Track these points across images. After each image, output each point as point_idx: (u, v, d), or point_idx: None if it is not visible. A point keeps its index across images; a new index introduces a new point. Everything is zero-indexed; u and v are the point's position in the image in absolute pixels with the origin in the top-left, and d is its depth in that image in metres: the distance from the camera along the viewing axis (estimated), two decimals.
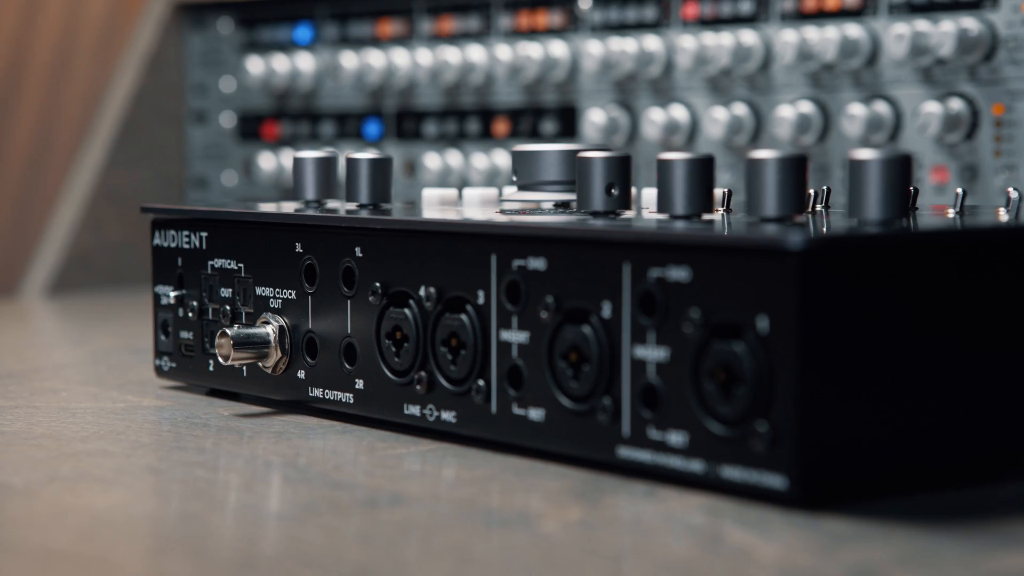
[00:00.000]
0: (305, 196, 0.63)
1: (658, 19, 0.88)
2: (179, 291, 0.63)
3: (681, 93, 0.87)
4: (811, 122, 0.80)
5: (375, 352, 0.54)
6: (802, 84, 0.81)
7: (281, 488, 0.46)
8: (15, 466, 0.49)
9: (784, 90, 0.82)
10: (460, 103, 0.99)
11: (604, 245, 0.46)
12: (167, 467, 0.49)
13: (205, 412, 0.58)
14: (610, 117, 0.89)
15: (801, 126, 0.80)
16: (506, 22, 0.96)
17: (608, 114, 0.89)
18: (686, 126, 0.87)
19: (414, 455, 0.50)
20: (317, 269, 0.57)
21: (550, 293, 0.48)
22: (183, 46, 1.13)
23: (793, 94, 0.82)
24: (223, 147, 1.12)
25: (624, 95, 0.90)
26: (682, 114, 0.87)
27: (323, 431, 0.54)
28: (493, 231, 0.50)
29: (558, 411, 0.47)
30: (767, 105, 0.83)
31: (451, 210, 0.63)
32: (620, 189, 0.52)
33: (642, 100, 0.89)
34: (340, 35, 1.05)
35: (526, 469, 0.47)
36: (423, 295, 0.52)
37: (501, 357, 0.50)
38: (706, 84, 0.86)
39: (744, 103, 0.84)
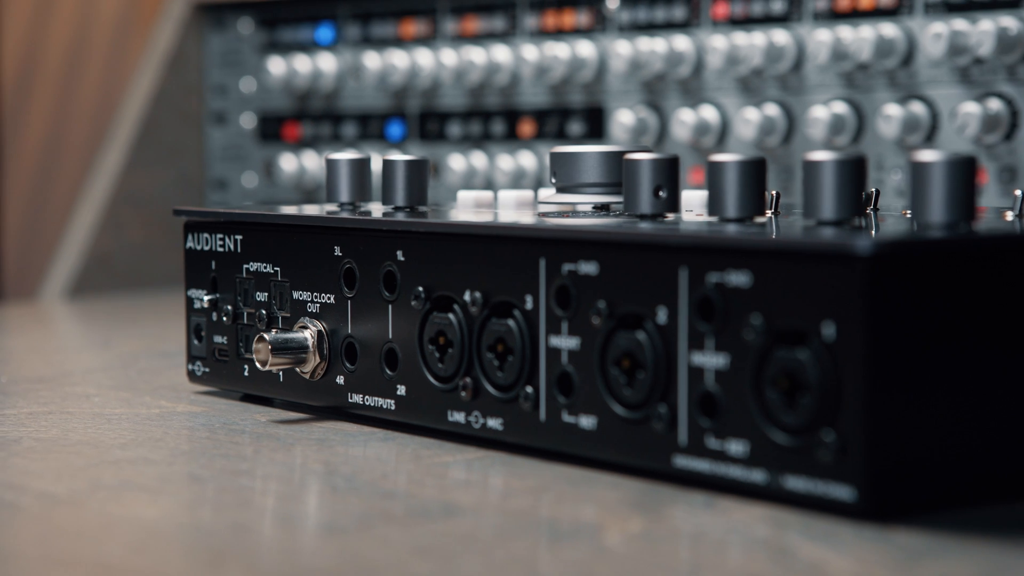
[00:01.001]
0: (339, 198, 0.63)
1: (687, 19, 0.87)
2: (213, 295, 0.62)
3: (711, 94, 0.86)
4: (845, 123, 0.79)
5: (417, 358, 0.53)
6: (836, 84, 0.80)
7: (330, 498, 0.45)
8: (56, 474, 0.48)
9: (817, 90, 0.81)
10: (485, 104, 0.98)
11: (660, 249, 0.45)
12: (211, 475, 0.48)
13: (241, 418, 0.57)
14: (639, 118, 0.88)
15: (835, 127, 0.79)
16: (532, 22, 0.95)
17: (636, 115, 0.89)
18: (716, 127, 0.86)
19: (460, 463, 0.49)
20: (357, 273, 0.56)
21: (602, 298, 0.47)
22: (203, 46, 1.12)
23: (826, 94, 0.81)
24: (243, 148, 1.11)
25: (652, 96, 0.89)
26: (712, 115, 0.86)
27: (364, 438, 0.53)
28: (542, 235, 0.49)
29: (610, 419, 0.46)
30: (799, 106, 0.82)
31: (487, 212, 0.62)
32: (668, 191, 0.51)
33: (671, 101, 0.88)
34: (362, 35, 1.04)
35: (578, 478, 0.46)
36: (468, 300, 0.51)
37: (550, 363, 0.49)
38: (737, 84, 0.85)
39: (776, 104, 0.83)
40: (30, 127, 1.54)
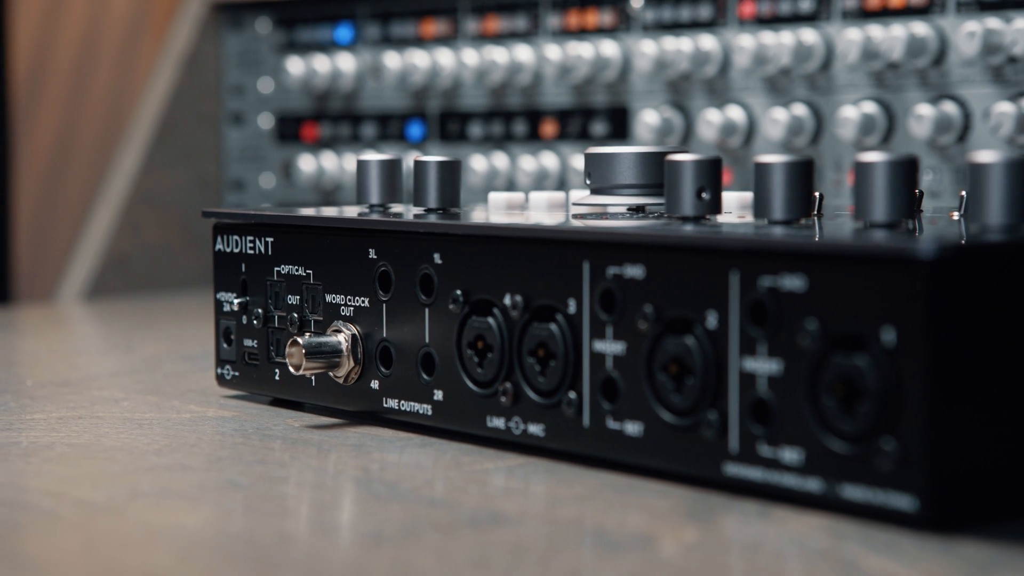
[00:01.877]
0: (369, 200, 0.62)
1: (713, 18, 0.86)
2: (243, 298, 0.61)
3: (737, 93, 0.85)
4: (875, 123, 0.79)
5: (456, 362, 0.52)
6: (865, 84, 0.80)
7: (373, 506, 0.44)
8: (93, 481, 0.47)
9: (846, 90, 0.81)
10: (506, 104, 0.97)
11: (710, 252, 0.44)
12: (250, 483, 0.47)
13: (274, 423, 0.56)
14: (663, 118, 0.88)
15: (865, 127, 0.78)
16: (555, 21, 0.94)
17: (661, 115, 0.88)
18: (743, 127, 0.85)
19: (502, 470, 0.48)
20: (392, 276, 0.55)
21: (649, 302, 0.46)
22: (220, 46, 1.12)
23: (856, 94, 0.80)
24: (261, 149, 1.10)
25: (678, 96, 0.88)
26: (739, 115, 0.85)
27: (401, 444, 0.52)
28: (587, 237, 0.48)
29: (658, 425, 0.46)
30: (828, 106, 0.81)
31: (520, 214, 0.62)
32: (710, 193, 0.50)
33: (696, 101, 0.87)
34: (382, 35, 1.03)
35: (624, 486, 0.45)
36: (509, 303, 0.50)
37: (594, 368, 0.48)
38: (764, 84, 0.84)
39: (804, 104, 0.82)
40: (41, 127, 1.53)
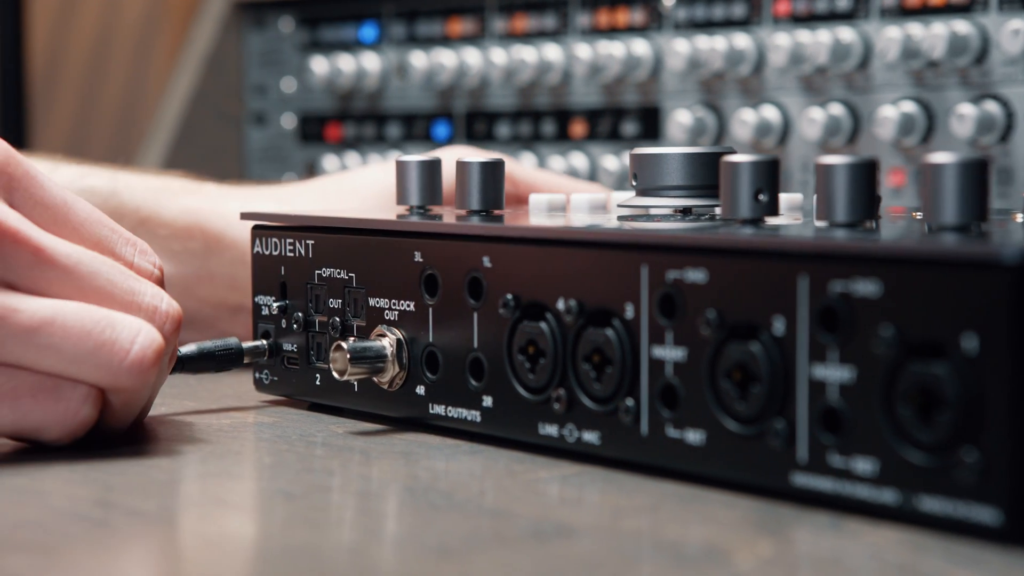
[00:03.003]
0: (409, 201, 0.61)
1: (748, 16, 0.85)
2: (282, 301, 0.60)
3: (772, 93, 0.84)
4: (915, 123, 0.77)
5: (506, 368, 0.51)
6: (905, 83, 0.79)
7: (433, 516, 0.43)
8: (141, 490, 0.46)
9: (884, 89, 0.79)
10: (535, 104, 0.96)
11: (777, 256, 0.43)
12: (303, 492, 0.46)
13: (316, 429, 0.55)
14: (696, 118, 0.87)
15: (904, 127, 0.77)
16: (584, 20, 0.93)
17: (694, 115, 0.87)
18: (778, 127, 0.84)
19: (557, 479, 0.47)
20: (439, 280, 0.54)
21: (712, 307, 0.45)
22: (242, 46, 1.11)
23: (895, 93, 0.79)
24: (283, 149, 1.09)
25: (710, 95, 0.87)
26: (774, 115, 0.84)
27: (450, 451, 0.51)
28: (645, 241, 0.47)
29: (720, 434, 0.44)
30: (865, 105, 0.80)
31: (560, 216, 0.61)
32: (769, 195, 0.49)
33: (730, 100, 0.86)
34: (408, 34, 1.02)
35: (687, 496, 0.44)
36: (562, 308, 0.49)
37: (653, 375, 0.47)
38: (799, 83, 0.83)
39: (840, 103, 0.81)
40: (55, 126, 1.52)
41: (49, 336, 0.47)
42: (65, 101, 1.53)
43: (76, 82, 1.52)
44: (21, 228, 0.48)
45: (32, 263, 0.48)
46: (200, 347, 0.60)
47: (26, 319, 0.47)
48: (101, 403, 0.49)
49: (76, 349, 0.47)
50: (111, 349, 0.48)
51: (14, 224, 0.48)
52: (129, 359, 0.48)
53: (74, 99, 1.53)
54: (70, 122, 1.53)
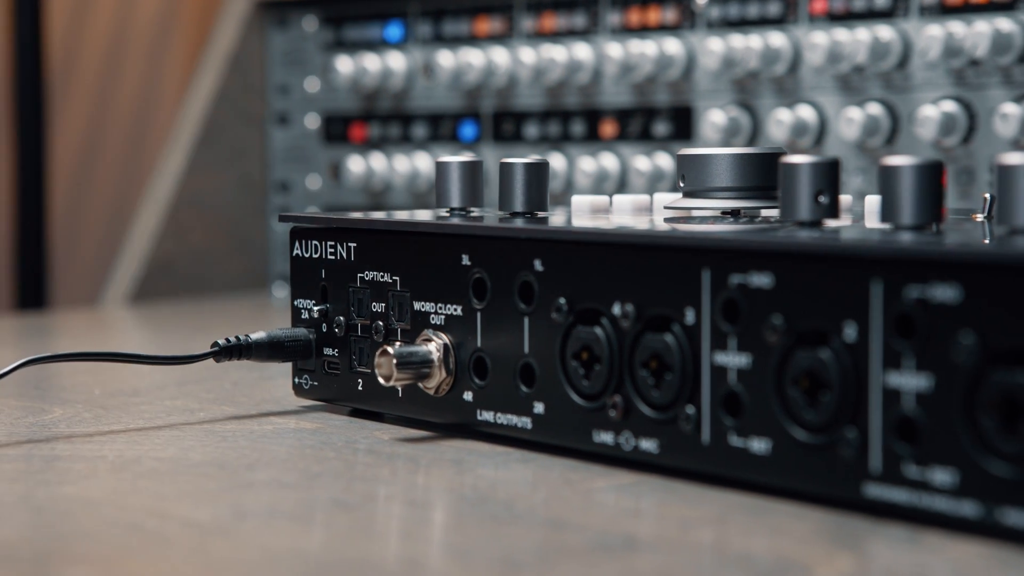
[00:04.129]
0: (449, 203, 0.60)
1: (783, 14, 0.84)
2: (322, 305, 0.59)
3: (808, 92, 0.83)
4: (956, 122, 0.76)
5: (558, 374, 0.50)
6: (945, 82, 0.77)
7: (496, 528, 0.42)
8: (193, 499, 0.45)
9: (924, 88, 0.78)
10: (564, 103, 0.95)
11: (848, 261, 0.42)
12: (357, 502, 0.45)
13: (361, 436, 0.54)
14: (730, 118, 0.85)
15: (946, 126, 0.76)
16: (615, 19, 0.92)
17: (728, 115, 0.85)
18: (814, 127, 0.83)
19: (616, 488, 0.46)
20: (488, 283, 0.53)
21: (778, 313, 0.44)
22: (265, 45, 1.09)
23: (935, 92, 0.78)
24: (307, 150, 1.08)
25: (744, 95, 0.86)
26: (810, 114, 0.83)
27: (501, 459, 0.50)
28: (707, 244, 0.46)
29: (787, 443, 0.43)
30: (904, 104, 0.79)
31: (602, 218, 0.59)
32: (829, 196, 0.48)
33: (764, 100, 0.85)
34: (434, 33, 1.01)
35: (754, 507, 0.43)
36: (619, 313, 0.48)
37: (715, 381, 0.45)
38: (836, 82, 0.82)
39: (879, 103, 0.80)
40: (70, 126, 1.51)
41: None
42: (80, 100, 1.52)
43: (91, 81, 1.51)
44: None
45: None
46: (271, 335, 0.59)
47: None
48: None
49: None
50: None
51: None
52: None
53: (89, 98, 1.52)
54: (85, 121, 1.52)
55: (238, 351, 0.58)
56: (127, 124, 1.50)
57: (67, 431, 0.55)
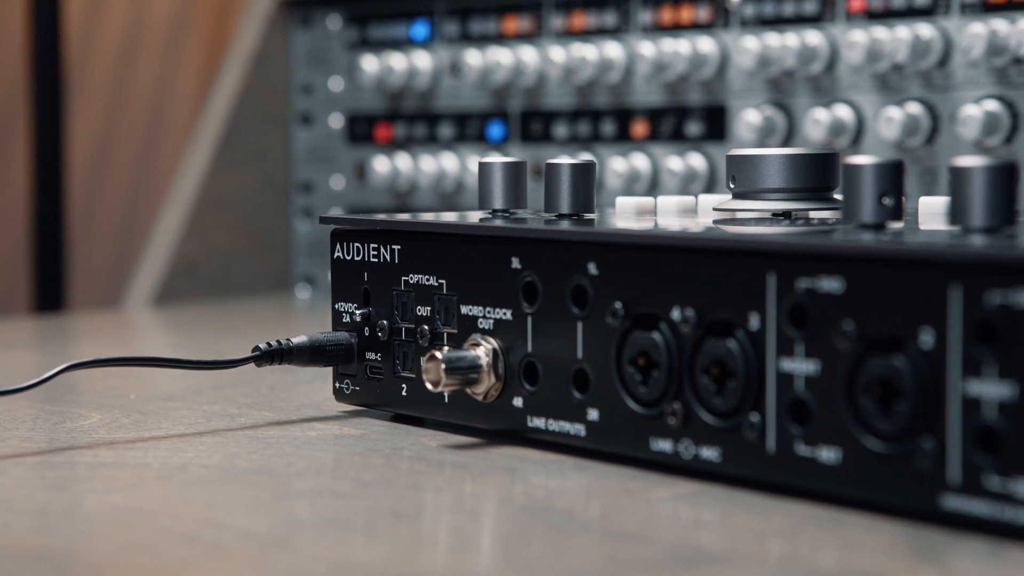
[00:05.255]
0: (491, 205, 0.58)
1: (820, 13, 0.83)
2: (365, 309, 0.58)
3: (845, 92, 0.82)
4: (999, 122, 0.75)
5: (614, 380, 0.49)
6: (987, 81, 0.76)
7: (561, 540, 0.40)
8: (246, 508, 0.43)
9: (966, 87, 0.77)
10: (594, 103, 0.93)
11: (924, 265, 0.41)
12: (414, 512, 0.44)
13: (408, 442, 0.53)
14: (765, 117, 0.84)
15: (989, 126, 0.75)
16: (646, 17, 0.90)
17: (763, 114, 0.84)
18: (852, 127, 0.81)
19: (678, 498, 0.45)
20: (539, 287, 0.52)
21: (849, 318, 0.42)
22: (288, 44, 1.08)
23: (977, 91, 0.76)
24: (330, 149, 1.07)
25: (779, 94, 0.85)
26: (847, 114, 0.81)
27: (555, 467, 0.49)
28: (772, 248, 0.45)
29: (859, 453, 0.42)
30: (944, 104, 0.78)
31: (648, 219, 0.58)
32: (893, 198, 0.46)
33: (800, 99, 0.84)
34: (461, 32, 1.00)
35: (825, 519, 0.42)
36: (678, 318, 0.47)
37: (781, 389, 0.44)
38: (874, 81, 0.81)
39: (918, 102, 0.79)
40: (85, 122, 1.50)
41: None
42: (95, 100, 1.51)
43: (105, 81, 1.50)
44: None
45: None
46: (312, 339, 0.57)
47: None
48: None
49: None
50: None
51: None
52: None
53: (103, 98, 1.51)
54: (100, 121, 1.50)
55: (279, 355, 0.57)
56: (141, 124, 1.49)
57: (108, 437, 0.53)
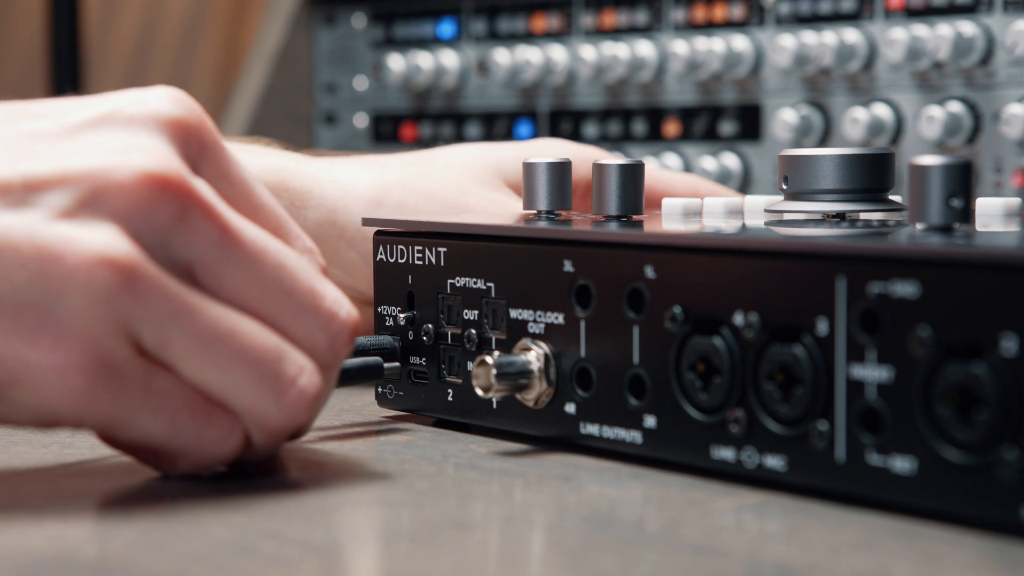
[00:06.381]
0: (536, 206, 0.57)
1: (857, 10, 0.82)
2: (409, 312, 0.57)
3: (883, 90, 0.81)
4: None
5: (673, 386, 0.48)
6: None
7: (631, 553, 0.39)
8: (302, 518, 0.42)
9: (1009, 85, 0.76)
10: (625, 102, 0.92)
11: (1007, 269, 0.39)
12: (477, 522, 0.42)
13: (457, 449, 0.52)
14: (801, 116, 0.83)
15: None
16: (679, 15, 0.89)
17: (799, 113, 0.83)
18: (891, 126, 0.80)
19: (742, 508, 0.44)
20: (593, 291, 0.50)
21: (926, 324, 0.41)
22: (313, 43, 1.07)
23: (1021, 90, 0.75)
24: (355, 149, 1.06)
25: (816, 93, 0.84)
26: (886, 113, 0.80)
27: (612, 475, 0.48)
28: (842, 251, 0.43)
29: (936, 463, 0.41)
30: (986, 103, 0.77)
31: (695, 221, 0.57)
32: (962, 200, 0.45)
33: (837, 98, 0.83)
34: (488, 31, 0.98)
35: (902, 531, 0.40)
36: (741, 323, 0.46)
37: (851, 396, 0.43)
38: (914, 80, 0.79)
39: (959, 101, 0.77)
40: None
41: (220, 352, 0.42)
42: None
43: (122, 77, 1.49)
44: (213, 202, 0.43)
45: (217, 242, 0.43)
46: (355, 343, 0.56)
47: (204, 324, 0.42)
48: (245, 437, 0.44)
49: (240, 375, 0.43)
50: (272, 385, 0.43)
51: (206, 196, 0.43)
52: (287, 399, 0.44)
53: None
54: None
55: None
56: None
57: None
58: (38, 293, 0.40)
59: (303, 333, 0.45)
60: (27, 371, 0.41)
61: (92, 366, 0.41)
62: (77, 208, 0.41)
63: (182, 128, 0.44)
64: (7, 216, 0.41)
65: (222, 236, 0.43)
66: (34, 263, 0.40)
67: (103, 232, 0.41)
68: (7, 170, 0.42)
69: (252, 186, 0.46)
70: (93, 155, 0.42)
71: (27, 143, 0.43)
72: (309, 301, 0.45)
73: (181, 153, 0.44)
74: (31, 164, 0.42)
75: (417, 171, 0.70)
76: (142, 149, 0.42)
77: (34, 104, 0.45)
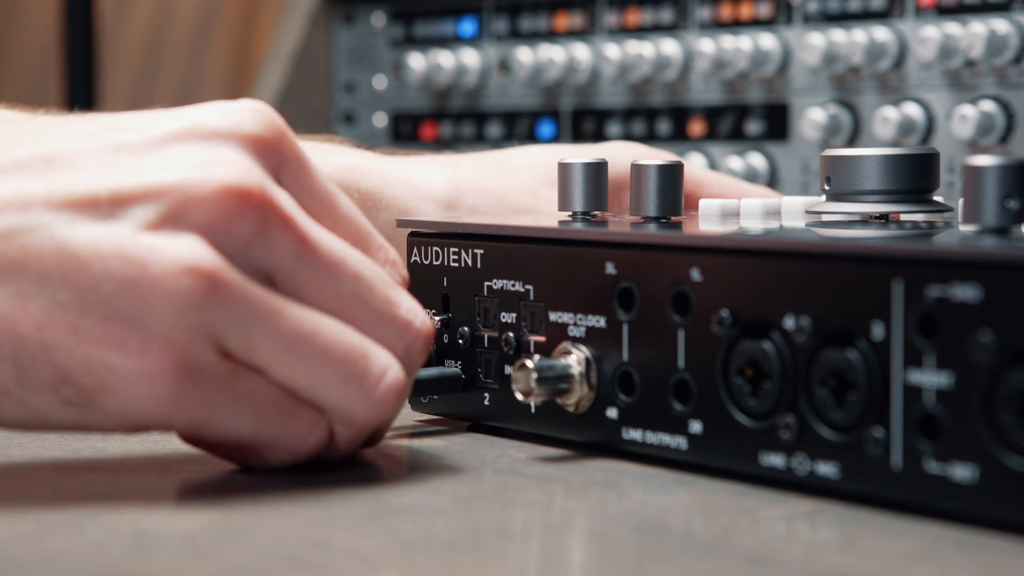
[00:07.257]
0: (572, 207, 0.56)
1: (887, 8, 0.81)
2: (444, 315, 0.56)
3: (914, 89, 0.80)
4: None
5: (720, 391, 0.47)
6: None
7: (685, 564, 0.38)
8: (347, 525, 0.41)
9: None
10: (649, 101, 0.91)
11: None
12: (523, 530, 0.41)
13: (495, 455, 0.51)
14: (830, 115, 0.82)
15: None
16: (704, 13, 0.88)
17: (828, 112, 0.82)
18: (922, 126, 0.79)
19: (794, 516, 0.43)
20: (636, 293, 0.49)
21: (987, 328, 0.40)
22: (331, 42, 1.06)
23: None
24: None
25: (844, 92, 0.83)
26: (916, 112, 0.79)
27: (656, 481, 0.47)
28: (899, 254, 0.42)
29: (997, 470, 0.40)
30: (1019, 101, 0.76)
31: (733, 222, 0.56)
32: (1018, 201, 0.44)
33: (866, 97, 0.82)
34: (510, 29, 0.97)
35: (964, 541, 0.39)
36: (792, 327, 0.45)
37: (909, 402, 0.42)
38: (945, 79, 0.78)
39: (992, 100, 0.76)
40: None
41: (306, 352, 0.43)
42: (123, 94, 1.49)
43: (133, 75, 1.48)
44: (293, 214, 0.44)
45: (295, 253, 0.44)
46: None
47: (288, 326, 0.43)
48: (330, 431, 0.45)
49: (326, 373, 0.44)
50: (359, 382, 0.45)
51: (287, 208, 0.44)
52: (375, 395, 0.45)
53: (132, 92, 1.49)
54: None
55: None
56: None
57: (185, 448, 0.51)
58: (125, 302, 0.41)
59: (379, 342, 0.46)
60: (115, 378, 0.42)
61: (178, 372, 0.42)
62: (162, 221, 0.42)
63: (262, 141, 0.45)
64: (95, 228, 0.42)
65: (300, 247, 0.44)
66: (121, 273, 0.42)
67: (187, 242, 0.42)
68: (95, 184, 0.43)
69: (335, 197, 0.47)
70: (176, 169, 0.43)
71: (114, 156, 0.44)
72: (384, 310, 0.46)
73: (262, 164, 0.45)
74: (118, 178, 0.43)
75: (490, 173, 0.69)
76: (223, 163, 0.44)
77: (121, 116, 0.46)
